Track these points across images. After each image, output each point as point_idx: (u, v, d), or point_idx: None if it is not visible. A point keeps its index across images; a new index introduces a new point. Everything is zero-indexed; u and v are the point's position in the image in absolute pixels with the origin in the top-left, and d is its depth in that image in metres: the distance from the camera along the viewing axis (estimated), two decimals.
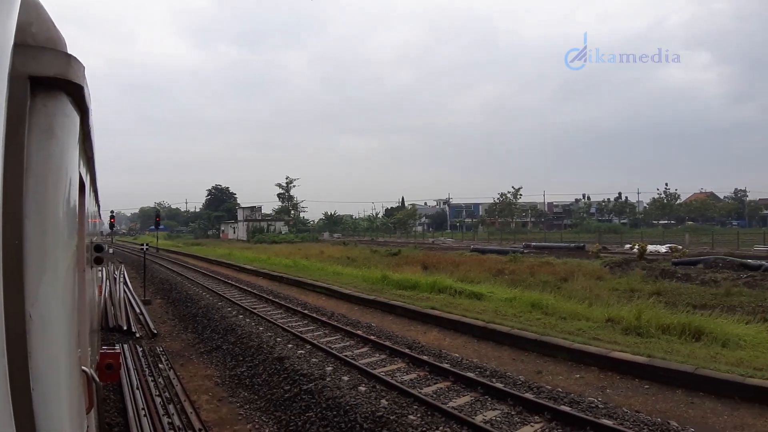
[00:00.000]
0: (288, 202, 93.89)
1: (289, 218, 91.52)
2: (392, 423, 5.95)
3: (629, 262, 24.96)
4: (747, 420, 6.02)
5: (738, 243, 41.54)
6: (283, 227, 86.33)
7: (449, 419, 6.08)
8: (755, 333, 9.06)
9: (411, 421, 5.99)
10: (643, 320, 9.69)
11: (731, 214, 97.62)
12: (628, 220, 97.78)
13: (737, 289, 15.85)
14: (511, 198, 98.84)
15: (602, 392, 7.13)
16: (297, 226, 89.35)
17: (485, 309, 12.15)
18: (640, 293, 14.65)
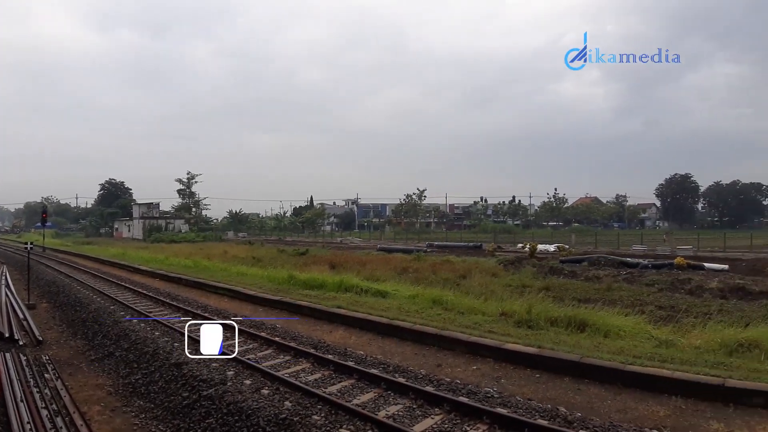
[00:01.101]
0: (189, 199, 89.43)
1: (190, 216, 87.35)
2: (296, 425, 5.93)
3: (521, 260, 26.62)
4: (629, 404, 6.64)
5: (618, 243, 45.77)
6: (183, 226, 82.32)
7: (353, 417, 6.16)
8: (633, 324, 9.94)
9: (315, 422, 6.01)
10: (534, 314, 10.40)
11: (613, 216, 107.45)
12: (521, 221, 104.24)
13: (617, 284, 17.50)
14: (416, 199, 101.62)
15: (497, 382, 7.57)
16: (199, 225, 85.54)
17: (390, 306, 12.42)
18: (530, 289, 15.68)
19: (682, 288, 16.79)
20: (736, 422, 5.97)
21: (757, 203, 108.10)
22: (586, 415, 6.18)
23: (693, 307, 13.09)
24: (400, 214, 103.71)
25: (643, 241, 47.45)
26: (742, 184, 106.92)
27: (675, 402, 6.60)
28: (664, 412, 6.33)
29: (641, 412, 6.40)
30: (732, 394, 6.55)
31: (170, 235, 70.33)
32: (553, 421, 5.97)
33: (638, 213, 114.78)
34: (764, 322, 10.19)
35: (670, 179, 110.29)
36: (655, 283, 17.72)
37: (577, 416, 6.13)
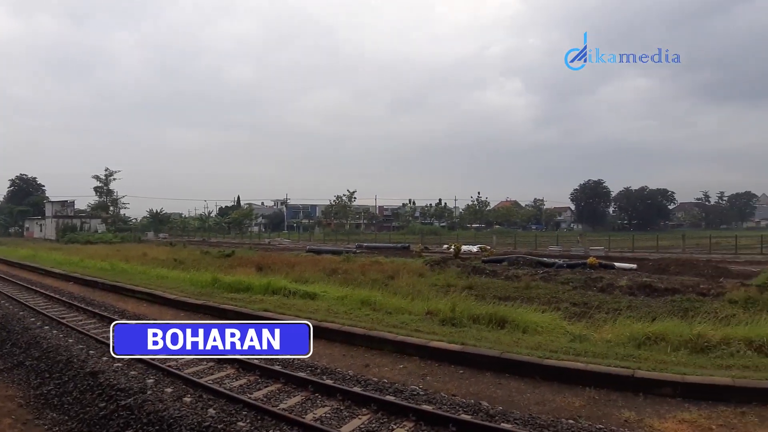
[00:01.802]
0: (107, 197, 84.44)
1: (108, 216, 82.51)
2: None
3: (447, 261, 27.30)
4: (547, 396, 6.97)
5: (536, 244, 48.23)
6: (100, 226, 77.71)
7: (280, 421, 6.08)
8: (550, 320, 10.43)
9: (240, 428, 5.87)
10: (458, 312, 10.69)
11: (531, 219, 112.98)
12: (446, 223, 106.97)
13: (535, 283, 18.32)
14: (347, 201, 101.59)
15: (423, 380, 7.72)
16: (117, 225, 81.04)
17: (318, 308, 12.34)
18: (455, 288, 16.09)
19: (594, 286, 17.83)
20: (647, 410, 6.44)
21: (663, 208, 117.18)
22: (507, 409, 6.43)
23: (604, 303, 13.95)
24: (330, 215, 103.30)
25: (558, 242, 50.23)
26: (649, 189, 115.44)
27: (589, 393, 7.02)
28: (580, 403, 6.71)
29: (558, 403, 6.74)
30: (641, 384, 7.05)
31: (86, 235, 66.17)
32: (476, 415, 6.17)
33: (555, 216, 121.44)
34: (669, 316, 11.00)
35: (584, 185, 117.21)
36: (569, 282, 18.70)
37: (499, 410, 6.36)
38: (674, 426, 5.98)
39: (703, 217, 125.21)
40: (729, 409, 6.39)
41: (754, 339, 8.35)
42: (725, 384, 6.80)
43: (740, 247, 42.60)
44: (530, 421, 5.99)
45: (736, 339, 8.43)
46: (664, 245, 46.48)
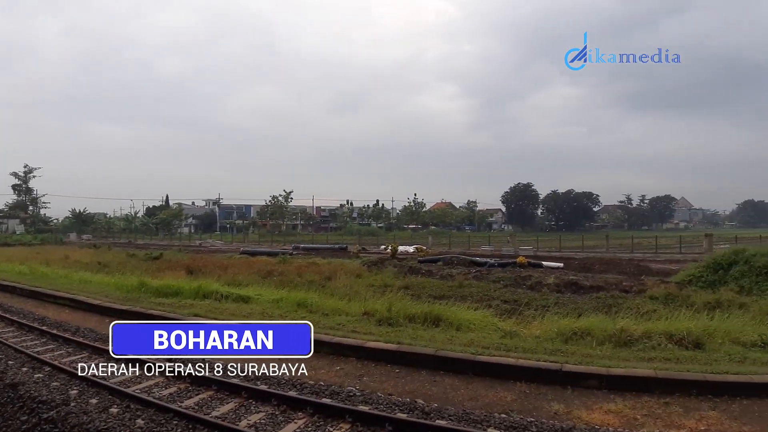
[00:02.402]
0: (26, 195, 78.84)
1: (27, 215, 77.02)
2: None
3: (384, 261, 27.51)
4: (480, 392, 7.13)
5: (469, 244, 49.58)
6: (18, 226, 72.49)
7: (213, 429, 5.87)
8: (482, 317, 10.68)
9: None
10: (394, 312, 10.74)
11: (465, 220, 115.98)
12: (384, 224, 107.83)
13: (468, 281, 18.76)
14: (283, 201, 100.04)
15: (360, 380, 7.68)
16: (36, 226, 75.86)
17: (252, 312, 12.02)
18: (392, 288, 16.14)
19: (523, 284, 18.49)
20: (575, 402, 6.71)
21: (588, 209, 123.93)
22: (441, 405, 6.52)
23: (533, 300, 14.48)
24: (266, 216, 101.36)
25: (490, 243, 51.94)
26: (575, 192, 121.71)
27: (520, 387, 7.24)
28: (511, 397, 6.90)
29: (491, 398, 6.90)
30: (569, 377, 7.36)
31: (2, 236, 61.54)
32: (411, 413, 6.20)
33: (487, 217, 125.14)
34: (595, 312, 11.57)
35: (514, 187, 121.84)
36: (500, 280, 19.30)
37: (434, 407, 6.44)
38: (601, 416, 6.27)
39: (625, 219, 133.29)
40: (652, 400, 6.78)
41: (674, 333, 8.91)
42: (648, 376, 7.22)
43: (660, 246, 45.57)
44: (464, 417, 6.09)
45: (657, 333, 8.96)
46: (589, 245, 48.93)
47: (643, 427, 5.97)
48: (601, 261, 29.66)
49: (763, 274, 15.85)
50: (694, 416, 6.29)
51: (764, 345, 8.67)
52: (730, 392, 6.93)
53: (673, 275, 19.72)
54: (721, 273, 16.89)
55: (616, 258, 33.02)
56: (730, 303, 12.60)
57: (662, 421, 6.16)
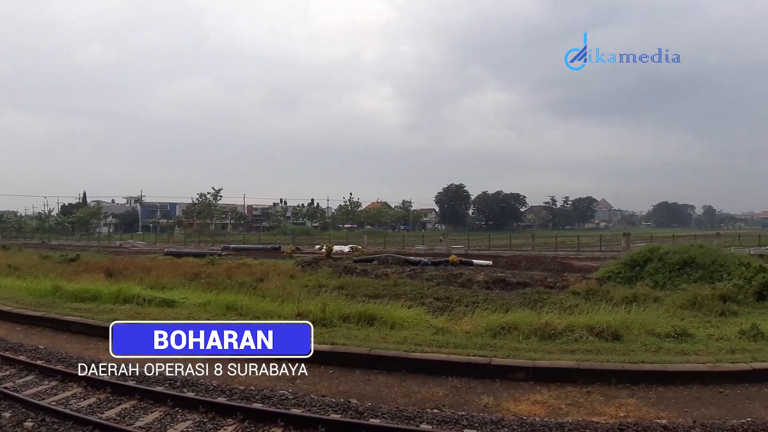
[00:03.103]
0: None
1: None
2: None
3: (318, 261, 27.27)
4: (413, 388, 7.19)
5: (404, 244, 50.13)
6: None
7: None
8: (415, 315, 10.81)
9: None
10: (328, 312, 10.63)
11: (400, 220, 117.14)
12: (319, 223, 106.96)
13: (402, 280, 18.91)
14: (211, 199, 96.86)
15: (292, 383, 7.51)
16: None
17: (178, 316, 11.50)
18: (326, 288, 16.00)
19: (455, 281, 18.90)
20: (503, 395, 6.91)
21: (516, 210, 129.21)
22: (375, 404, 6.52)
23: (464, 297, 14.81)
24: (193, 215, 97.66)
25: (424, 242, 52.84)
26: (504, 194, 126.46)
27: (452, 382, 7.36)
28: (443, 392, 7.01)
29: (423, 394, 6.98)
30: (498, 370, 7.58)
31: None
32: (345, 414, 6.17)
33: (421, 217, 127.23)
34: (521, 307, 11.97)
35: (447, 188, 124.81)
36: (433, 278, 19.61)
37: (368, 406, 6.43)
38: (528, 407, 6.48)
39: (550, 219, 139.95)
40: (576, 389, 7.11)
41: (594, 326, 9.39)
42: (571, 367, 7.58)
43: (582, 245, 48.09)
44: (397, 414, 6.12)
45: (579, 326, 9.42)
46: (516, 244, 50.91)
47: (567, 416, 6.23)
48: (527, 259, 30.94)
49: (675, 270, 17.05)
50: (614, 404, 6.65)
51: (677, 336, 9.30)
52: (646, 380, 7.39)
53: (594, 272, 20.77)
54: (638, 269, 17.99)
55: (541, 256, 34.59)
56: (645, 297, 13.45)
57: (585, 410, 6.46)
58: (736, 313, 11.97)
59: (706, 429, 5.80)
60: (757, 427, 5.84)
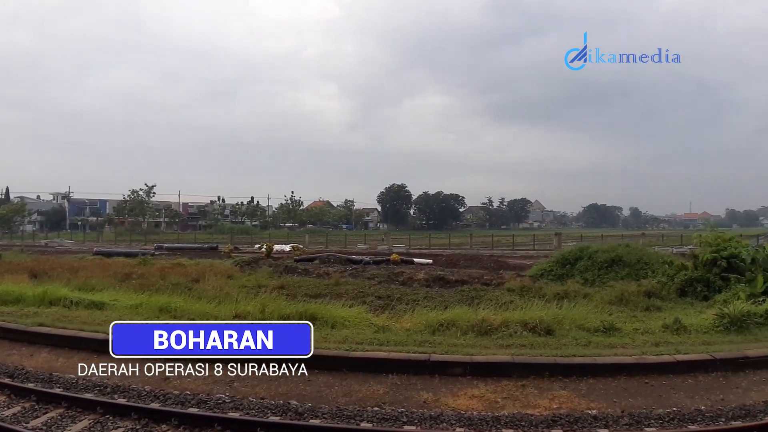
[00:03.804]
0: None
1: None
2: None
3: (258, 261, 26.81)
4: (354, 387, 7.19)
5: (346, 243, 50.14)
6: None
7: None
8: (356, 314, 10.81)
9: None
10: (267, 312, 10.45)
11: (342, 219, 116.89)
12: (259, 222, 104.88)
13: (344, 279, 18.91)
14: (144, 196, 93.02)
15: (230, 387, 7.35)
16: None
17: (107, 319, 10.88)
18: (266, 288, 15.75)
19: (396, 280, 19.10)
20: (442, 390, 7.05)
21: (455, 210, 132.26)
22: (315, 404, 6.49)
23: (405, 295, 15.02)
24: (124, 213, 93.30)
25: (366, 241, 53.08)
26: (444, 194, 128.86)
27: (392, 379, 7.44)
28: (383, 390, 7.07)
29: (364, 392, 7.01)
30: (437, 366, 7.74)
31: None
32: (284, 415, 6.11)
33: (363, 216, 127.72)
34: (459, 304, 12.25)
35: (389, 188, 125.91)
36: (375, 277, 19.75)
37: (308, 406, 6.38)
38: (466, 402, 6.65)
39: (487, 219, 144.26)
40: (511, 383, 7.36)
41: (528, 321, 9.75)
42: (506, 361, 7.85)
43: (517, 244, 49.93)
44: (338, 414, 6.12)
45: (513, 322, 9.75)
46: (455, 243, 52.11)
47: (503, 409, 6.44)
48: (465, 257, 31.76)
49: (603, 268, 17.98)
50: (548, 396, 6.93)
51: (605, 330, 9.82)
52: (577, 373, 7.76)
53: (528, 269, 21.56)
54: (569, 267, 18.84)
55: (478, 254, 35.54)
56: (576, 294, 14.10)
57: (520, 402, 6.70)
58: (660, 308, 12.78)
59: (633, 418, 6.16)
60: (681, 415, 6.24)
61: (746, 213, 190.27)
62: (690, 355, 8.36)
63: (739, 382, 7.72)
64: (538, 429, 5.84)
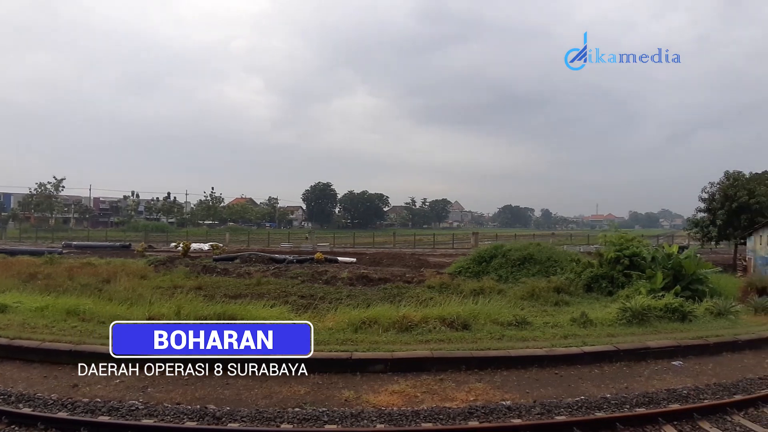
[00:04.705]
0: None
1: None
2: None
3: (174, 260, 25.81)
4: (274, 388, 7.14)
5: (269, 241, 49.24)
6: None
7: None
8: (278, 314, 10.68)
9: None
10: (183, 314, 10.12)
11: (265, 217, 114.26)
12: (176, 219, 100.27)
13: (266, 279, 18.66)
14: (52, 190, 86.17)
15: (143, 392, 7.06)
16: None
17: (10, 323, 10.16)
18: (182, 289, 15.23)
19: (320, 279, 19.11)
20: (363, 387, 7.17)
21: (379, 209, 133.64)
22: (234, 408, 6.37)
23: (328, 294, 15.08)
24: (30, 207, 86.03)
25: (290, 240, 52.47)
26: (369, 193, 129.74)
27: (313, 379, 7.45)
28: (305, 390, 7.08)
29: (285, 393, 6.99)
30: (358, 364, 7.86)
31: None
32: (201, 420, 5.98)
33: (287, 214, 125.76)
34: (382, 302, 12.48)
35: (315, 186, 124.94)
36: (298, 276, 19.64)
37: (226, 410, 6.26)
38: (387, 398, 6.81)
39: (410, 218, 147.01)
40: (430, 377, 7.64)
41: (446, 317, 10.13)
42: (426, 356, 8.13)
43: (437, 243, 51.38)
44: (257, 417, 6.07)
45: (432, 318, 10.09)
46: (379, 241, 52.74)
47: (422, 404, 6.66)
48: (388, 255, 32.25)
49: (516, 265, 19.01)
50: (465, 389, 7.25)
51: (518, 324, 10.41)
52: (492, 365, 8.18)
53: (447, 267, 22.31)
54: (485, 265, 19.73)
55: (401, 253, 36.21)
56: (491, 290, 14.80)
57: (438, 396, 6.96)
58: (568, 303, 13.72)
59: (544, 407, 6.56)
60: (589, 404, 6.73)
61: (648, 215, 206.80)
62: (596, 347, 9.07)
63: (641, 371, 8.47)
64: (456, 421, 6.09)
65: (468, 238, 51.17)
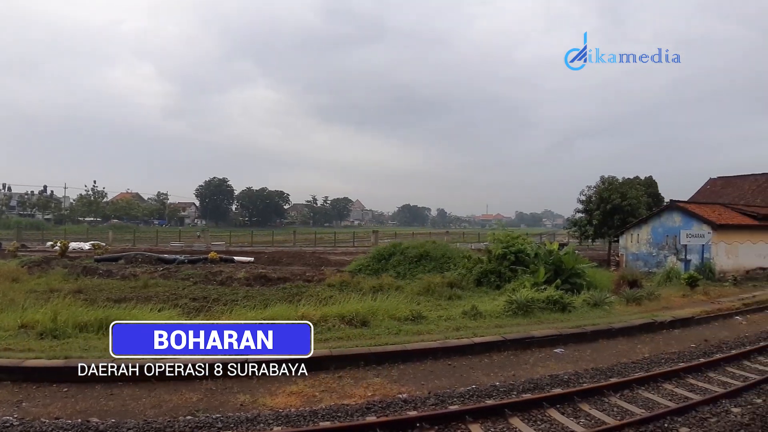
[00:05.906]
0: None
1: None
2: None
3: (50, 261, 23.64)
4: (163, 397, 6.77)
5: (158, 240, 46.39)
6: None
7: None
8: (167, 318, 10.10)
9: None
10: (60, 321, 9.28)
11: (154, 214, 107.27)
12: (53, 215, 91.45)
13: (154, 281, 17.61)
14: None
15: (18, 408, 6.39)
16: None
17: None
18: (60, 292, 13.92)
19: (214, 279, 18.38)
20: (260, 390, 7.02)
21: (279, 207, 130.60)
22: (120, 420, 5.98)
23: (223, 295, 14.57)
24: None
25: (181, 238, 49.92)
26: (269, 190, 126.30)
27: (206, 385, 7.16)
28: (197, 397, 6.79)
29: (176, 402, 6.65)
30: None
31: None
32: None
33: (179, 211, 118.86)
34: (281, 302, 12.30)
35: (209, 182, 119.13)
36: (190, 277, 18.77)
37: (111, 423, 5.85)
38: (284, 399, 6.73)
39: (311, 216, 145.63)
40: (329, 376, 7.68)
41: (345, 314, 10.26)
42: (325, 355, 8.15)
43: (338, 241, 51.49)
44: (145, 427, 5.73)
45: (332, 316, 10.16)
46: (278, 240, 51.74)
47: (321, 402, 6.66)
48: (288, 254, 31.74)
49: (413, 262, 19.64)
50: (363, 385, 7.36)
51: (414, 318, 10.78)
52: (390, 360, 8.41)
53: (348, 265, 22.45)
54: (384, 262, 20.16)
55: (301, 251, 35.85)
56: (389, 286, 15.14)
57: (337, 394, 7.01)
58: (461, 296, 14.40)
59: (439, 398, 6.84)
60: (480, 392, 7.12)
61: (532, 215, 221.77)
62: (485, 338, 9.65)
63: (527, 359, 9.12)
64: (354, 418, 6.15)
65: (369, 236, 51.76)
